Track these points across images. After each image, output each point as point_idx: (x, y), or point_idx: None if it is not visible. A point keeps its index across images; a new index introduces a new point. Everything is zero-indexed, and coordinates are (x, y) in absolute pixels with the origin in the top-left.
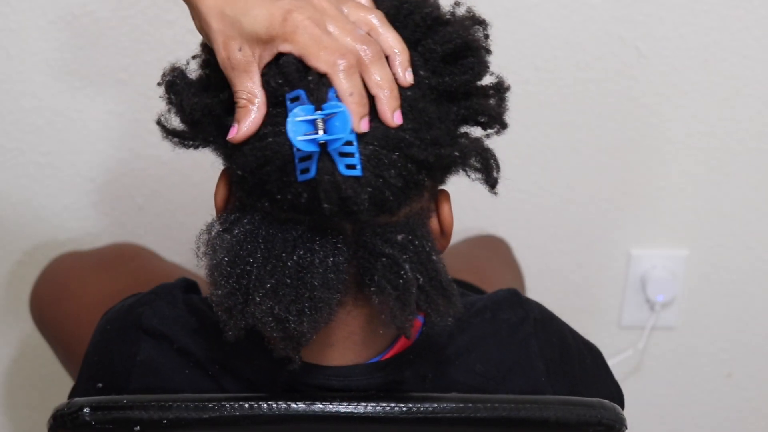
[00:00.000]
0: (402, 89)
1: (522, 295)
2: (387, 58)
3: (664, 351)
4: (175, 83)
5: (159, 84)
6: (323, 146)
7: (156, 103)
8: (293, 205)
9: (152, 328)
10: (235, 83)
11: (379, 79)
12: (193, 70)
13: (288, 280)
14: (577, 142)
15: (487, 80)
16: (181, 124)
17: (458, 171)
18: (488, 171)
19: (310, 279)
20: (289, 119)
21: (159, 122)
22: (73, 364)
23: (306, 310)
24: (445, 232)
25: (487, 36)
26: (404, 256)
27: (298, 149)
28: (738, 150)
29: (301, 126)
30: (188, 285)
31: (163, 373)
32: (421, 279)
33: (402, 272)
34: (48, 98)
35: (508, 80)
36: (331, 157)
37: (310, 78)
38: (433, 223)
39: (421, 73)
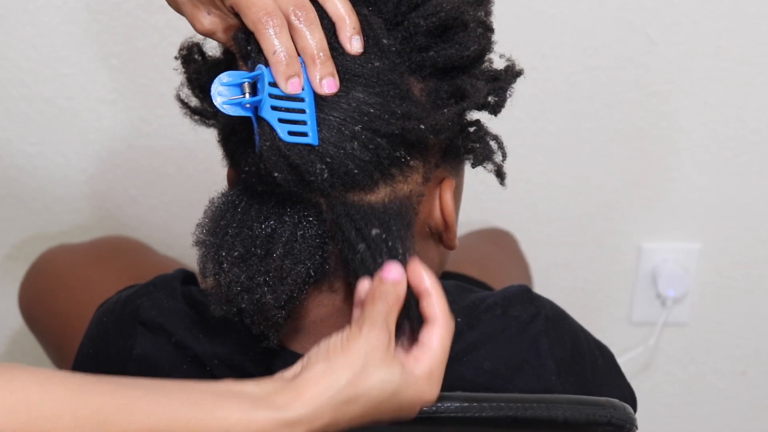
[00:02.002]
0: (368, 60)
1: (533, 291)
2: (334, 24)
3: (676, 348)
4: (191, 58)
5: (176, 58)
6: (256, 111)
7: (150, 91)
8: (260, 178)
9: (150, 321)
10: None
11: (309, 43)
12: (212, 47)
13: (257, 250)
14: (586, 132)
15: (498, 63)
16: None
17: (459, 155)
18: (481, 154)
19: (275, 249)
20: (213, 84)
21: (178, 98)
22: (63, 361)
23: (269, 280)
24: (447, 224)
25: (488, 13)
26: (369, 237)
27: (224, 113)
28: (753, 139)
29: (230, 90)
30: (186, 276)
31: (160, 368)
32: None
33: (361, 253)
34: (37, 86)
35: (519, 66)
36: (269, 122)
37: (252, 43)
38: (436, 212)
39: (385, 42)
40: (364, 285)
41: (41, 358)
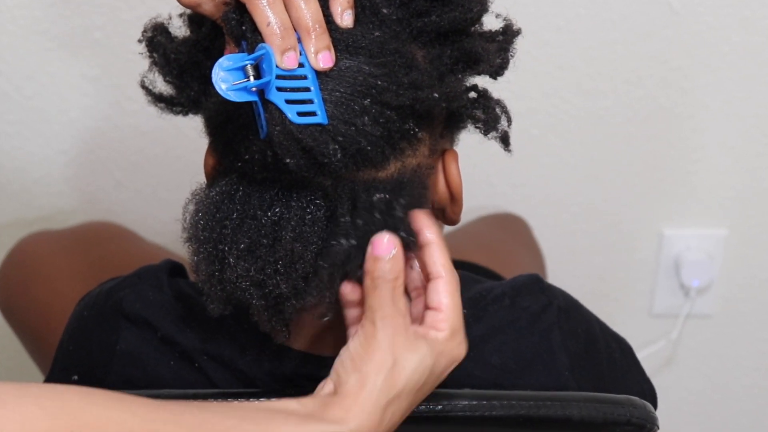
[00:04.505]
0: (368, 31)
1: (545, 281)
2: None
3: (700, 342)
4: (156, 40)
5: (139, 41)
6: (262, 94)
7: (136, 66)
8: (264, 165)
9: (134, 314)
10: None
11: (304, 15)
12: (177, 27)
13: (263, 240)
14: (603, 111)
15: (493, 25)
16: (166, 85)
17: (463, 123)
18: (492, 120)
19: (284, 235)
20: (213, 70)
21: (143, 85)
22: (43, 355)
23: (280, 267)
24: (454, 196)
25: None
26: (370, 204)
27: (229, 100)
28: None
29: (232, 75)
30: (174, 267)
31: (146, 364)
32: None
33: (349, 235)
34: (16, 61)
35: (517, 24)
36: (276, 105)
37: (247, 22)
38: (441, 186)
39: (384, 11)
40: (346, 287)
41: (20, 353)
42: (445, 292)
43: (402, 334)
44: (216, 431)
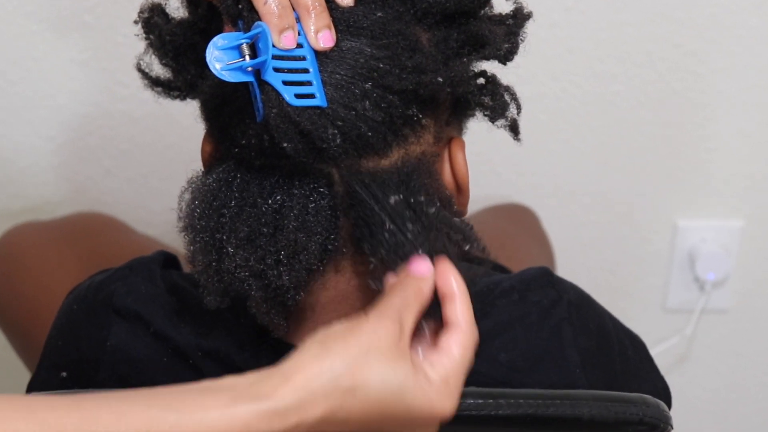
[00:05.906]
0: (371, 11)
1: (555, 274)
2: None
3: (716, 338)
4: (153, 21)
5: (136, 22)
6: (258, 75)
7: (127, 50)
8: (262, 150)
9: (125, 309)
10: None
11: None
12: (176, 9)
13: (264, 228)
14: (614, 96)
15: (504, 8)
16: (163, 69)
17: (470, 110)
18: (500, 108)
19: (286, 224)
20: (208, 50)
21: (139, 68)
22: (30, 352)
23: (283, 258)
24: (460, 186)
25: None
26: (390, 207)
27: (224, 81)
28: None
29: (227, 54)
30: (167, 259)
31: (137, 361)
32: (409, 235)
33: (386, 225)
34: (0, 45)
35: (528, 8)
36: (273, 86)
37: (244, 2)
38: (446, 174)
39: None
40: (390, 281)
41: (6, 349)
42: (458, 343)
43: (388, 342)
44: (135, 427)
